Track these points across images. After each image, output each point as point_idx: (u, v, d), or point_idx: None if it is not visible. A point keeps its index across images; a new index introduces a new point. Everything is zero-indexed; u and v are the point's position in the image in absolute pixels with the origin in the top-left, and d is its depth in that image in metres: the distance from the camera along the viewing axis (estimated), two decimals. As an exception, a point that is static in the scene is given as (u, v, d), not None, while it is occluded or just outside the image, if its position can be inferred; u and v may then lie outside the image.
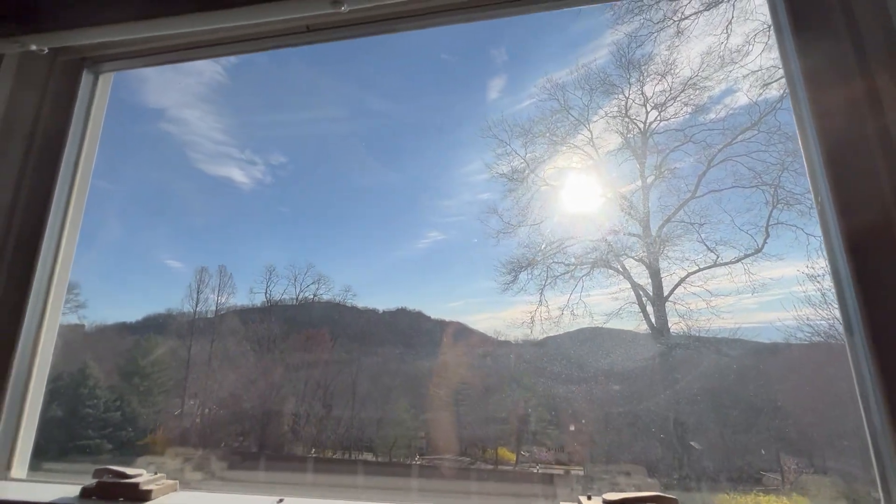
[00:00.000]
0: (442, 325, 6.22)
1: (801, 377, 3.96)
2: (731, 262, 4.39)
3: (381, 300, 6.96)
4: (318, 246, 7.77)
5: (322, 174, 7.88)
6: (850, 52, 0.77)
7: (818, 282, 4.00)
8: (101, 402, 5.24)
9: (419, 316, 6.57)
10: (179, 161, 7.34)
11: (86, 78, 1.13)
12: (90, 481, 0.88)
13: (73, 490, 0.88)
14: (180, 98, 6.96)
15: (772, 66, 4.29)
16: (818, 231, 0.76)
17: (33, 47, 1.01)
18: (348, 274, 8.07)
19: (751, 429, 3.55)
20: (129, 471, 0.90)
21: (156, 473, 0.93)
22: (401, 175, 7.71)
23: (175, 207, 7.62)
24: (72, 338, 5.86)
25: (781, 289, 4.21)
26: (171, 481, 0.93)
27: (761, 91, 4.48)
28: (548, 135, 5.42)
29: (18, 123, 1.07)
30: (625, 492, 0.77)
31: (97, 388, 5.35)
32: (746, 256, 4.34)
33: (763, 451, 3.45)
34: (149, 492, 0.87)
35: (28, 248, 1.02)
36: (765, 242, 4.31)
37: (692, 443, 3.57)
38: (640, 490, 0.78)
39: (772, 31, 0.89)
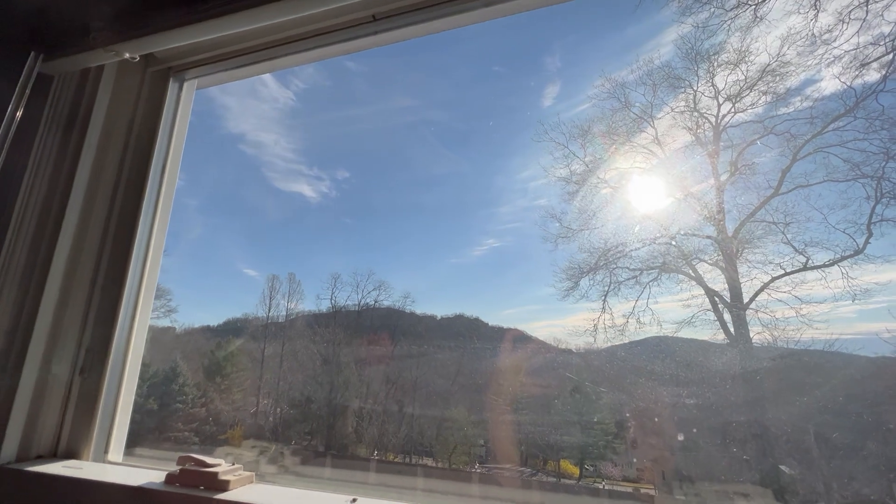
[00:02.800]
0: (500, 331, 6.14)
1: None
2: (824, 266, 3.90)
3: (438, 307, 7.04)
4: (379, 255, 8.07)
5: (382, 189, 8.22)
6: None
7: (938, 287, 3.47)
8: (188, 398, 5.73)
9: (477, 322, 6.55)
10: (257, 179, 8.02)
11: (172, 86, 1.25)
12: (175, 468, 0.95)
13: (160, 476, 0.95)
14: (258, 123, 7.63)
15: (870, 45, 3.80)
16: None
17: (126, 55, 1.12)
18: (407, 281, 8.27)
19: (856, 454, 3.12)
20: (209, 460, 0.95)
21: (233, 464, 0.98)
22: (457, 184, 7.79)
23: (253, 221, 8.29)
24: (165, 339, 6.48)
25: (889, 295, 3.68)
26: (247, 473, 0.97)
27: (857, 73, 3.98)
28: (608, 134, 5.19)
29: (116, 129, 1.21)
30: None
31: (185, 385, 5.86)
32: (844, 259, 3.84)
33: (872, 479, 3.02)
34: (227, 482, 0.91)
35: (122, 247, 1.13)
36: (867, 242, 3.78)
37: (782, 467, 3.21)
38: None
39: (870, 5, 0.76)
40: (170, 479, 0.93)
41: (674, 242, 4.63)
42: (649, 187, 5.02)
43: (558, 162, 5.34)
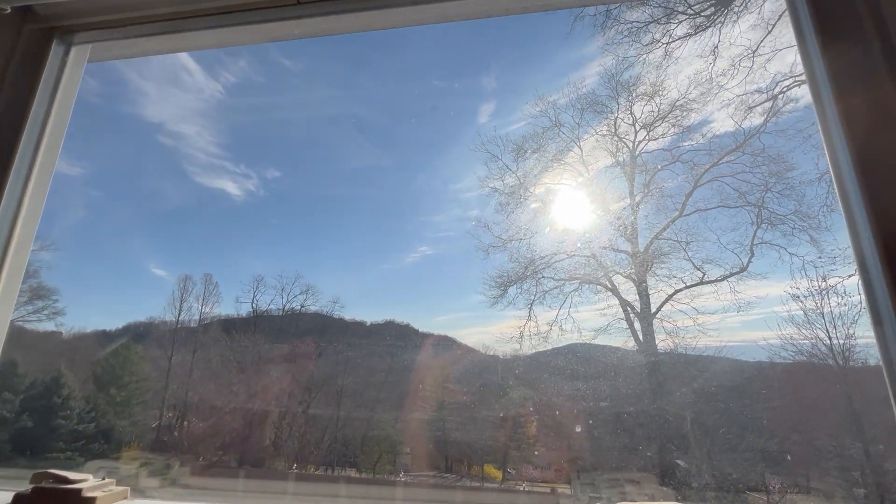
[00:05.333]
0: (430, 338, 6.16)
1: (785, 397, 3.95)
2: (717, 280, 4.41)
3: (368, 312, 6.91)
4: (309, 259, 7.76)
5: (314, 191, 7.95)
6: (879, 54, 0.74)
7: (801, 301, 4.02)
8: (74, 413, 5.04)
9: (407, 329, 6.52)
10: (176, 172, 7.36)
11: (55, 49, 1.06)
12: (27, 488, 0.81)
13: (6, 497, 0.81)
14: (179, 112, 7.00)
15: (755, 91, 4.40)
16: (801, 251, 0.74)
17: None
18: (337, 286, 8.03)
19: (737, 448, 3.51)
20: (72, 475, 0.83)
21: (104, 479, 0.86)
22: (391, 191, 7.76)
23: (165, 217, 7.58)
24: (47, 346, 5.67)
25: (765, 308, 4.24)
26: (120, 488, 0.86)
27: (745, 115, 4.58)
28: (539, 150, 5.46)
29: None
30: (636, 502, 0.72)
31: (71, 398, 5.16)
32: (732, 275, 4.37)
33: (748, 470, 3.41)
34: (92, 499, 0.80)
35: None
36: (749, 261, 4.34)
37: (678, 461, 3.52)
38: (653, 500, 0.72)
39: (756, 53, 0.87)
40: (19, 500, 0.79)
41: (595, 255, 4.96)
42: (574, 203, 5.35)
43: (493, 173, 5.53)
